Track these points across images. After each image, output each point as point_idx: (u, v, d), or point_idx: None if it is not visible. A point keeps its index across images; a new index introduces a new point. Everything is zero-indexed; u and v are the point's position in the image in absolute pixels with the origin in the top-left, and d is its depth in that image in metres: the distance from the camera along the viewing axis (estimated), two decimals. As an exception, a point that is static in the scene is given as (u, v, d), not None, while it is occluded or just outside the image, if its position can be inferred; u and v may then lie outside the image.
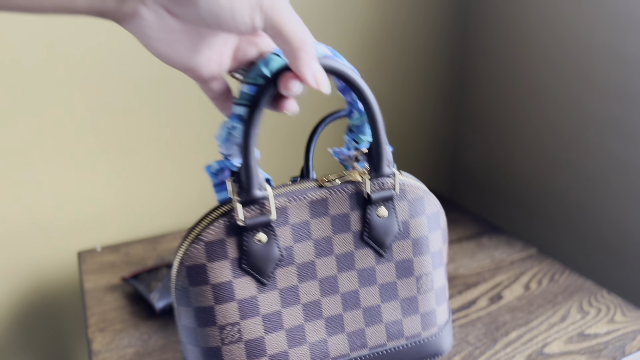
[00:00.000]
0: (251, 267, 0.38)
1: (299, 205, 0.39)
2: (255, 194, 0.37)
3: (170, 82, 0.89)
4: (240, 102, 0.35)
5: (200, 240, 0.37)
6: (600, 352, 0.60)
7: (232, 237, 0.37)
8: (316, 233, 0.40)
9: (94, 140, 0.87)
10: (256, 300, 0.39)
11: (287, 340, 0.40)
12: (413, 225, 0.42)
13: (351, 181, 0.40)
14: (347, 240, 0.41)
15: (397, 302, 0.43)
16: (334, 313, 0.42)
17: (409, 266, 0.43)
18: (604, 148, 0.87)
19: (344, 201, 0.40)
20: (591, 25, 0.85)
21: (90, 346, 0.63)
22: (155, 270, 0.71)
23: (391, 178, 0.40)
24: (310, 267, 0.40)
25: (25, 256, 0.88)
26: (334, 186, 0.40)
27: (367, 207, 0.40)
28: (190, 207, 0.99)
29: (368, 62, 1.05)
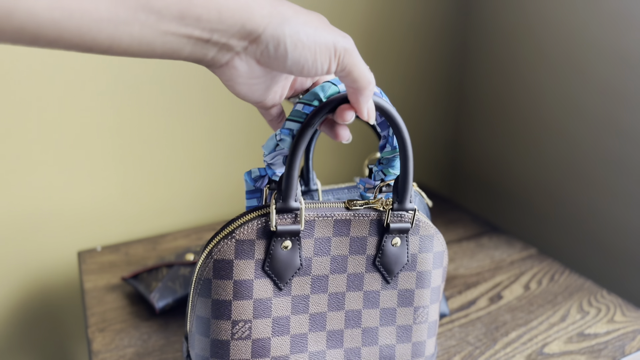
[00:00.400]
0: (273, 270, 0.41)
1: (325, 222, 0.42)
2: (291, 204, 0.40)
3: (170, 83, 0.89)
4: (293, 119, 0.39)
5: (232, 237, 0.40)
6: (600, 352, 0.60)
7: (262, 240, 0.40)
8: (335, 250, 0.43)
9: (94, 140, 0.87)
10: (270, 302, 0.42)
11: (291, 345, 0.43)
12: (420, 260, 0.46)
13: (374, 209, 0.43)
14: (360, 262, 0.44)
15: (394, 327, 0.46)
16: (336, 328, 0.44)
17: (409, 296, 0.46)
18: (604, 148, 0.87)
19: (365, 226, 0.43)
20: (591, 25, 0.85)
21: (90, 346, 0.63)
22: (155, 270, 0.71)
23: (410, 213, 0.44)
24: (324, 281, 0.43)
25: (25, 256, 0.88)
26: (359, 210, 0.43)
27: (384, 235, 0.44)
28: (190, 207, 0.99)
29: (368, 62, 1.05)
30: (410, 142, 0.41)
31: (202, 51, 0.32)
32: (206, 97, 0.93)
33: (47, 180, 0.86)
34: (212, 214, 1.01)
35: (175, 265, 0.72)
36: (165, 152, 0.93)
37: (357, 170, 1.12)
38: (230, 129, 0.97)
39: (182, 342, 0.59)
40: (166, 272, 0.70)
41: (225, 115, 0.96)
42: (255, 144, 1.00)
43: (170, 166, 0.95)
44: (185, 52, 0.32)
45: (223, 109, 0.95)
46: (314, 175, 0.57)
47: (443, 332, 0.64)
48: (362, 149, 1.12)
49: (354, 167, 1.12)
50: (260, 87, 0.37)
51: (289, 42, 0.33)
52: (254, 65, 0.35)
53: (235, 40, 0.32)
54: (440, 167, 1.25)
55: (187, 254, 0.74)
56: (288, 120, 0.40)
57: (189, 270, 0.71)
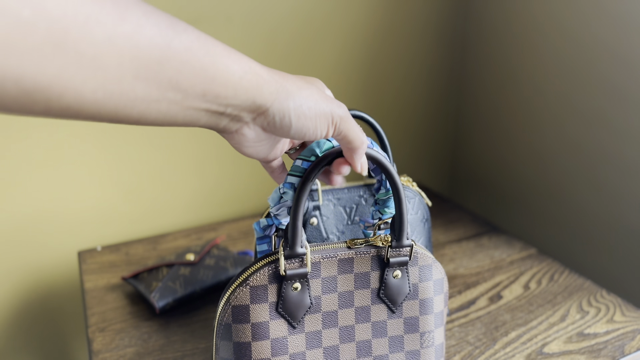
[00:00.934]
0: (285, 311, 0.45)
1: (329, 262, 0.47)
2: (297, 250, 0.44)
3: (170, 82, 0.89)
4: (293, 174, 0.44)
5: (247, 284, 0.45)
6: (599, 351, 0.61)
7: (274, 284, 0.45)
8: (341, 287, 0.47)
9: (94, 140, 0.87)
10: (286, 340, 0.46)
11: None
12: (421, 288, 0.49)
13: (374, 245, 0.48)
14: (366, 296, 0.48)
15: (403, 354, 0.50)
16: (349, 358, 0.48)
17: (415, 323, 0.50)
18: (604, 148, 0.87)
19: (367, 262, 0.48)
20: (591, 26, 0.85)
21: (91, 346, 0.63)
22: (156, 270, 0.71)
23: (408, 247, 0.48)
24: (333, 316, 0.47)
25: (25, 256, 0.88)
26: (359, 248, 0.47)
27: (385, 269, 0.48)
28: (190, 207, 0.99)
29: (368, 62, 1.05)
30: (401, 185, 0.45)
31: (216, 121, 0.37)
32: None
33: (47, 180, 0.86)
34: (212, 214, 1.01)
35: (175, 265, 0.72)
36: (166, 152, 0.93)
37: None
38: (230, 129, 0.97)
39: None
40: (166, 272, 0.70)
41: (226, 115, 0.96)
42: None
43: (171, 166, 0.95)
44: (201, 122, 0.36)
45: (223, 109, 0.95)
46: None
47: (443, 332, 0.64)
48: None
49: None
50: (264, 148, 0.42)
51: (292, 114, 0.38)
52: (260, 132, 0.40)
53: (246, 113, 0.37)
54: (440, 167, 1.25)
55: (187, 253, 0.74)
56: (289, 175, 0.44)
57: (189, 270, 0.71)
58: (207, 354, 0.61)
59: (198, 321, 0.67)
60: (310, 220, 0.56)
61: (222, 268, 0.72)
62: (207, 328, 0.65)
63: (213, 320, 0.67)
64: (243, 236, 0.89)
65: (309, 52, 0.99)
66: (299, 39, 0.97)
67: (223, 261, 0.73)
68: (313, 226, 0.57)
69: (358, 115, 0.57)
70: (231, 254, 0.75)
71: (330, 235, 0.58)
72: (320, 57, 1.00)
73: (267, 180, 1.04)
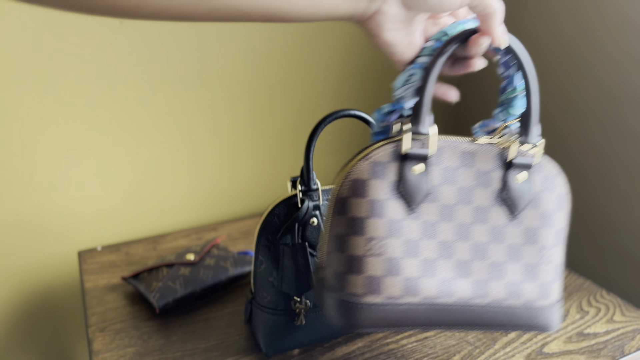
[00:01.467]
0: (404, 192, 0.44)
1: (452, 151, 0.45)
2: (423, 129, 0.43)
3: (171, 83, 0.90)
4: (424, 54, 0.44)
5: (368, 158, 0.43)
6: (599, 351, 0.61)
7: (395, 162, 0.43)
8: (461, 181, 0.45)
9: (94, 140, 0.87)
10: (401, 224, 0.44)
11: (421, 269, 0.44)
12: (544, 199, 0.47)
13: (498, 144, 0.46)
14: (486, 195, 0.45)
15: (520, 265, 0.46)
16: (464, 258, 0.45)
17: (534, 235, 0.46)
18: (604, 148, 0.87)
19: (490, 159, 0.45)
20: (592, 26, 0.85)
21: (91, 346, 0.63)
22: (156, 270, 0.72)
23: (535, 148, 0.45)
24: (450, 210, 0.45)
25: (25, 256, 0.88)
26: (484, 143, 0.46)
27: (508, 170, 0.45)
28: (190, 207, 0.99)
29: (368, 62, 1.05)
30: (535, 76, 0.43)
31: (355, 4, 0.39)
32: (207, 98, 0.93)
33: (48, 180, 0.86)
34: (212, 214, 1.01)
35: (175, 265, 0.72)
36: (166, 153, 0.93)
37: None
38: (230, 130, 0.97)
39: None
40: (166, 272, 0.70)
41: (226, 116, 0.96)
42: (256, 144, 1.00)
43: (171, 166, 0.95)
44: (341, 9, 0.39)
45: (223, 110, 0.95)
46: (314, 175, 0.57)
47: (442, 332, 0.64)
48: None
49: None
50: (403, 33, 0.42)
51: None
52: (399, 8, 0.41)
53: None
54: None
55: (187, 253, 0.74)
56: (419, 57, 0.44)
57: (189, 270, 0.71)
58: (207, 354, 0.61)
59: (198, 321, 0.67)
60: (310, 220, 0.56)
61: (222, 268, 0.72)
62: (207, 328, 0.65)
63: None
64: (243, 236, 0.89)
65: (309, 51, 0.99)
66: (299, 38, 0.97)
67: (223, 261, 0.73)
68: (313, 226, 0.57)
69: (357, 116, 0.57)
70: (231, 254, 0.75)
71: None
72: (320, 57, 1.00)
73: (268, 180, 1.04)
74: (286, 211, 0.56)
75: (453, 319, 0.46)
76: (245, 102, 0.97)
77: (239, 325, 0.66)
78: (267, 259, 0.57)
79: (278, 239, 0.56)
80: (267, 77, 0.97)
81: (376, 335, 0.63)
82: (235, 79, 0.94)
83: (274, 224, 0.56)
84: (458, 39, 0.42)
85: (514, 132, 0.47)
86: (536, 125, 0.45)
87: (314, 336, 0.59)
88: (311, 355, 0.60)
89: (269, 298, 0.58)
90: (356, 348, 0.61)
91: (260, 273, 0.58)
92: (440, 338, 0.63)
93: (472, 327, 0.47)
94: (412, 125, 0.43)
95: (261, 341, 0.59)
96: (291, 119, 1.02)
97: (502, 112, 0.48)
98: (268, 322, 0.58)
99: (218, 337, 0.64)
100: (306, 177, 0.56)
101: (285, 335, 0.58)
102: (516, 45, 0.43)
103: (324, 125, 0.56)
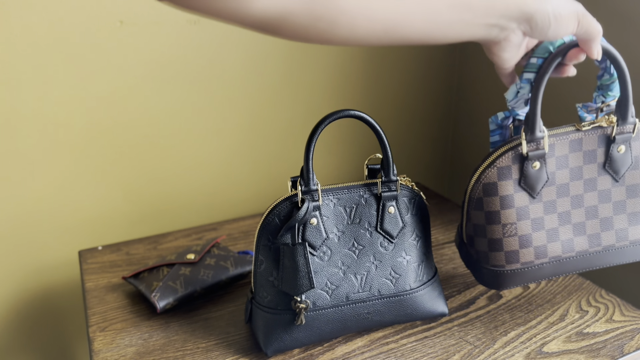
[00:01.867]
0: (527, 185, 0.56)
1: (562, 143, 0.56)
2: (536, 134, 0.54)
3: (171, 84, 0.90)
4: (529, 70, 0.53)
5: (494, 165, 0.56)
6: (599, 351, 0.61)
7: (516, 164, 0.55)
8: (572, 163, 0.57)
9: (95, 140, 0.87)
10: (528, 208, 0.57)
11: (547, 237, 0.58)
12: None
13: (600, 126, 0.56)
14: (593, 169, 0.58)
15: (625, 215, 0.60)
16: (579, 220, 0.59)
17: (636, 189, 0.59)
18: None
19: (594, 140, 0.57)
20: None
21: (91, 345, 0.63)
22: (156, 269, 0.72)
23: (632, 125, 0.57)
24: (565, 188, 0.57)
25: (26, 255, 0.88)
26: (587, 130, 0.56)
27: (610, 145, 0.57)
28: (190, 207, 0.99)
29: (368, 62, 1.05)
30: (627, 70, 0.54)
31: (489, 32, 0.46)
32: (207, 98, 0.93)
33: (48, 180, 0.86)
34: (212, 213, 1.02)
35: (176, 264, 0.72)
36: (166, 153, 0.94)
37: (358, 170, 1.13)
38: (230, 130, 0.98)
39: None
40: (167, 272, 0.71)
41: (226, 116, 0.96)
42: (256, 144, 1.01)
43: (171, 166, 0.95)
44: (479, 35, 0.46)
45: (224, 110, 0.96)
46: (313, 175, 0.57)
47: (442, 332, 0.64)
48: (361, 150, 1.12)
49: (354, 167, 1.12)
50: (515, 50, 0.51)
51: (552, 16, 0.47)
52: (519, 37, 0.49)
53: (514, 21, 0.47)
54: (440, 167, 1.25)
55: (188, 253, 0.74)
56: (525, 72, 0.53)
57: (190, 270, 0.71)
58: (207, 353, 0.61)
59: (199, 320, 0.67)
60: (310, 220, 0.57)
61: (222, 268, 0.72)
62: (207, 327, 0.66)
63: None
64: (243, 236, 0.89)
65: (309, 52, 0.99)
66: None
67: (223, 261, 0.73)
68: (313, 226, 0.57)
69: (357, 116, 0.57)
70: (232, 254, 0.76)
71: (330, 234, 0.58)
72: (320, 57, 1.00)
73: (268, 180, 1.04)
74: (286, 211, 0.56)
75: (576, 267, 0.60)
76: (245, 102, 0.97)
77: (240, 325, 0.66)
78: (267, 259, 0.57)
79: (278, 238, 0.56)
80: (267, 77, 0.97)
81: (376, 335, 0.64)
82: (236, 79, 0.94)
83: (274, 224, 0.56)
84: (559, 55, 0.51)
85: (613, 110, 0.57)
86: (631, 106, 0.56)
87: (314, 336, 0.59)
88: (311, 355, 0.60)
89: (269, 298, 0.58)
90: (356, 347, 0.61)
91: (261, 273, 0.58)
92: (440, 337, 0.63)
93: (592, 268, 0.61)
94: (527, 132, 0.54)
95: (261, 341, 0.59)
96: (292, 119, 1.02)
97: (599, 95, 0.58)
98: (268, 322, 0.58)
99: (219, 337, 0.64)
100: (306, 177, 0.56)
101: (285, 334, 0.58)
102: (609, 48, 0.53)
103: (324, 125, 0.56)
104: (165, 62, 0.88)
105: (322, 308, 0.58)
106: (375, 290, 0.59)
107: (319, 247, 0.58)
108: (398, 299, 0.60)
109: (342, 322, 0.59)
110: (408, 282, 0.60)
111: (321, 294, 0.58)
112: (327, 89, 1.03)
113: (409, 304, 0.61)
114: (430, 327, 0.65)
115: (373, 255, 0.59)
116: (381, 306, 0.60)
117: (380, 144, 0.59)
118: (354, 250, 0.59)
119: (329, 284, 0.58)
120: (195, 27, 0.88)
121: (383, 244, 0.59)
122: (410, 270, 0.60)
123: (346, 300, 0.58)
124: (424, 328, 0.65)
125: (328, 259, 0.58)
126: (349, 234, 0.59)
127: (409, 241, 0.60)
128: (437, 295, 0.63)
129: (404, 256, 0.60)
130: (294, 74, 0.99)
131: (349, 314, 0.59)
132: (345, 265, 0.58)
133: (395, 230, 0.60)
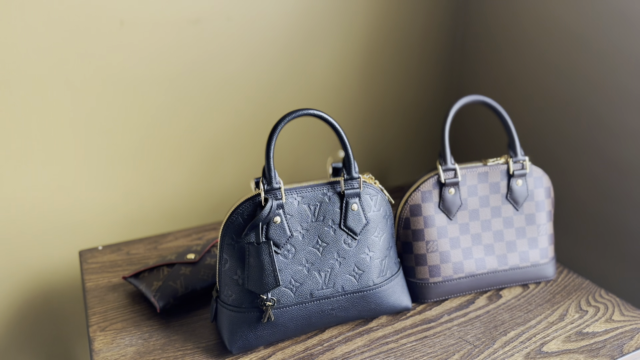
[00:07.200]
0: (445, 208, 0.67)
1: (472, 174, 0.68)
2: (450, 166, 0.66)
3: (172, 85, 0.90)
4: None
5: (419, 190, 0.66)
6: (598, 350, 0.61)
7: (436, 189, 0.67)
8: (480, 192, 0.68)
9: (96, 140, 0.88)
10: (446, 228, 0.67)
11: (463, 254, 0.68)
12: (536, 193, 0.70)
13: (501, 163, 0.69)
14: (498, 199, 0.69)
15: (526, 239, 0.70)
16: (489, 242, 0.69)
17: (532, 218, 0.70)
18: (604, 149, 0.87)
19: (497, 174, 0.69)
20: (591, 26, 0.85)
21: (92, 345, 0.63)
22: (157, 269, 0.72)
23: (524, 162, 0.69)
24: (476, 212, 0.68)
25: (26, 255, 0.89)
26: (492, 165, 0.68)
27: (510, 179, 0.69)
28: (191, 207, 0.99)
29: (368, 64, 1.05)
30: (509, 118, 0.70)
31: None
32: (207, 99, 0.94)
33: (48, 180, 0.86)
34: (212, 213, 1.02)
35: (176, 264, 0.72)
36: (167, 153, 0.94)
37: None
38: (230, 130, 0.98)
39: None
40: (167, 272, 0.71)
41: (226, 117, 0.96)
42: (256, 144, 1.01)
43: (171, 166, 0.95)
44: None
45: (224, 111, 0.96)
46: (276, 173, 0.58)
47: (442, 331, 0.64)
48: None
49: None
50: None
51: None
52: None
53: None
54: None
55: (188, 253, 0.74)
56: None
57: (190, 270, 0.71)
58: (208, 353, 0.61)
59: (199, 320, 0.67)
60: (274, 219, 0.57)
61: (222, 267, 0.72)
62: (208, 327, 0.66)
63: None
64: (243, 236, 0.89)
65: (308, 52, 0.99)
66: (298, 39, 0.97)
67: (223, 261, 0.74)
68: (276, 224, 0.57)
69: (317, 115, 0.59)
70: (232, 254, 0.76)
71: (295, 232, 0.58)
72: (320, 57, 1.00)
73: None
74: (250, 210, 0.57)
75: (489, 283, 0.69)
76: (246, 102, 0.97)
77: (240, 325, 0.66)
78: (232, 258, 0.58)
79: (242, 237, 0.57)
80: (267, 78, 0.97)
81: (376, 335, 0.64)
82: (236, 79, 0.95)
83: (238, 223, 0.57)
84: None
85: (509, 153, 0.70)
86: (518, 147, 0.69)
87: (278, 333, 0.60)
88: (311, 355, 0.60)
89: (233, 296, 0.58)
90: (356, 347, 0.62)
91: (225, 272, 0.59)
92: (439, 337, 0.63)
93: (502, 285, 0.70)
94: (442, 163, 0.67)
95: (226, 339, 0.60)
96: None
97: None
98: (232, 320, 0.59)
99: (219, 337, 0.64)
100: (268, 176, 0.57)
101: (250, 332, 0.58)
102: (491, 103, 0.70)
103: (283, 124, 0.58)
104: (165, 62, 0.88)
105: (286, 305, 0.58)
106: (339, 286, 0.60)
107: (283, 245, 0.58)
108: (362, 294, 0.61)
109: (306, 319, 0.60)
110: (371, 278, 0.61)
111: (285, 292, 0.58)
112: (328, 88, 1.03)
113: (373, 300, 0.62)
114: (430, 327, 0.65)
115: (337, 252, 0.60)
116: (345, 302, 0.60)
117: (340, 142, 0.60)
118: (318, 247, 0.59)
119: (293, 282, 0.58)
120: (195, 27, 0.88)
121: (347, 240, 0.60)
122: (374, 266, 0.61)
123: (310, 297, 0.59)
124: (424, 328, 0.65)
125: (292, 257, 0.58)
126: (313, 232, 0.59)
127: (372, 238, 0.61)
128: (400, 290, 0.64)
129: (367, 252, 0.61)
130: (294, 74, 0.99)
131: (314, 311, 0.60)
132: (310, 262, 0.59)
133: (359, 227, 0.60)
